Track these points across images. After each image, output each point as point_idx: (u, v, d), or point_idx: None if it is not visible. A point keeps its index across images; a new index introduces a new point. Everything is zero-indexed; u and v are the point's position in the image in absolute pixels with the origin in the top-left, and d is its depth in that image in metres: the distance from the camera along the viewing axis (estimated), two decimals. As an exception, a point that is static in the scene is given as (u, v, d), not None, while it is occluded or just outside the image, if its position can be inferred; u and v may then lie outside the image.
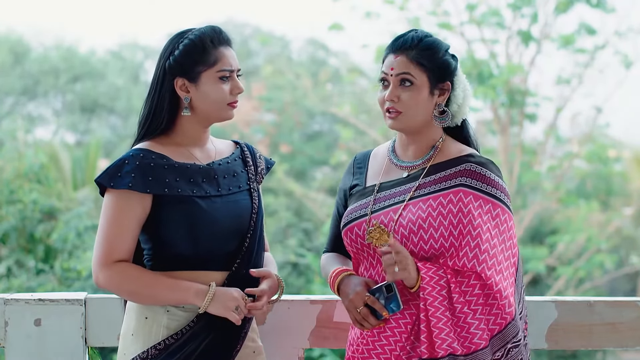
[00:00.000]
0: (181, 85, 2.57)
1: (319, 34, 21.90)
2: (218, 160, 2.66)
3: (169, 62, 2.57)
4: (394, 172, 2.70)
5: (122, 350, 2.61)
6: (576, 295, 12.87)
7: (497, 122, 12.78)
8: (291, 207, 14.90)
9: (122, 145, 16.94)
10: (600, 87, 21.23)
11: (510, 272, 2.56)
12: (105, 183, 2.51)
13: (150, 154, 2.54)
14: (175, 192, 2.53)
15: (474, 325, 2.49)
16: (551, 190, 13.29)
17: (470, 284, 2.51)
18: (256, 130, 16.64)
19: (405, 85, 2.60)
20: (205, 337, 2.55)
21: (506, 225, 2.58)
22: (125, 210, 2.51)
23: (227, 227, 2.58)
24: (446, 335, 2.48)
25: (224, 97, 2.58)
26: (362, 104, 15.35)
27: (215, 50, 2.57)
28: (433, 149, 2.66)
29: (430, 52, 2.61)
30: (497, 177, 2.60)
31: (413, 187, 2.61)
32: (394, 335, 2.57)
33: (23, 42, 22.08)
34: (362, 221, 2.65)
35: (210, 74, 2.56)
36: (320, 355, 9.69)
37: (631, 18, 21.24)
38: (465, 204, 2.54)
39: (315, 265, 11.72)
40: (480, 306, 2.51)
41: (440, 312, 2.49)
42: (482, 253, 2.51)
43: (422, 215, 2.55)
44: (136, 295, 2.54)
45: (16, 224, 9.00)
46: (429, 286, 2.50)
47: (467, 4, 12.38)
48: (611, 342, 3.03)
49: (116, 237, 2.50)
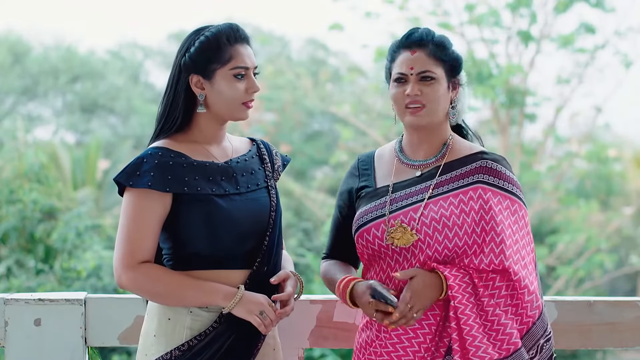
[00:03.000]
0: (196, 82, 2.56)
1: (319, 34, 21.92)
2: (236, 158, 2.64)
3: (184, 59, 2.56)
4: (405, 172, 2.68)
5: (143, 350, 2.59)
6: (576, 295, 12.87)
7: (496, 122, 12.78)
8: (291, 207, 14.90)
9: (122, 145, 16.93)
10: (600, 87, 21.23)
11: (532, 266, 2.57)
12: (124, 182, 2.48)
13: (169, 152, 2.52)
14: (195, 190, 2.51)
15: (508, 325, 2.47)
16: (551, 190, 13.29)
17: (496, 285, 2.50)
18: (256, 130, 16.63)
19: (427, 80, 2.59)
20: (229, 336, 2.54)
21: (524, 220, 2.60)
22: (145, 210, 2.48)
23: (247, 225, 2.57)
24: (480, 342, 2.45)
25: (239, 95, 2.56)
26: (362, 103, 15.35)
27: (230, 48, 2.56)
28: (445, 147, 2.66)
29: (444, 47, 2.62)
30: (511, 173, 2.62)
31: (431, 186, 2.60)
32: (416, 337, 2.55)
33: (23, 42, 22.09)
34: (379, 222, 2.61)
35: (225, 71, 2.55)
36: (320, 355, 9.68)
37: (631, 17, 21.25)
38: (485, 201, 2.54)
39: (315, 265, 11.72)
40: (510, 306, 2.49)
41: (472, 319, 2.47)
42: (507, 249, 2.51)
43: (446, 214, 2.54)
44: (162, 297, 2.51)
45: (16, 224, 8.99)
46: (459, 294, 2.47)
47: (466, 4, 12.38)
48: (611, 342, 3.03)
49: (138, 236, 2.47)
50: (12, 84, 20.80)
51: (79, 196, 12.34)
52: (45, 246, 9.12)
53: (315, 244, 13.88)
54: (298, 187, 15.07)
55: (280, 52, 19.98)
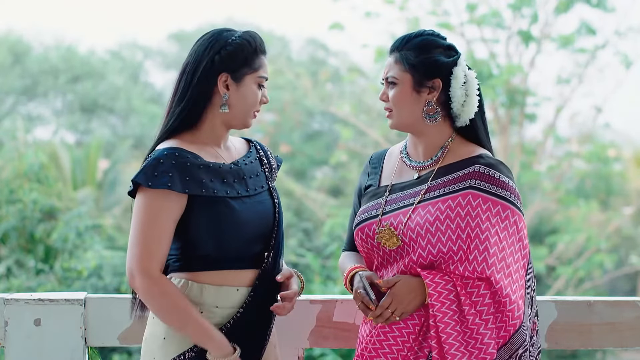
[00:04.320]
0: (224, 82, 2.56)
1: (319, 34, 21.93)
2: (242, 160, 2.66)
3: (219, 56, 2.55)
4: (406, 173, 2.69)
5: (151, 354, 2.57)
6: (576, 295, 12.87)
7: (497, 122, 12.77)
8: (291, 207, 14.90)
9: (122, 145, 16.93)
10: (600, 87, 21.22)
11: (520, 274, 2.55)
12: (142, 182, 2.46)
13: (185, 152, 2.51)
14: (212, 192, 2.51)
15: (486, 335, 2.47)
16: (551, 190, 13.29)
17: (480, 293, 2.49)
18: (256, 130, 16.63)
19: (392, 85, 2.62)
20: (239, 336, 2.55)
21: (516, 226, 2.56)
22: (163, 211, 2.47)
23: (255, 227, 2.58)
24: (456, 350, 2.46)
25: (256, 102, 2.60)
26: (362, 103, 15.35)
27: (261, 56, 2.60)
28: (441, 150, 2.64)
29: (417, 52, 2.60)
30: (507, 178, 2.57)
31: (422, 190, 2.61)
32: (401, 336, 2.56)
33: (23, 42, 22.09)
34: (373, 222, 2.64)
35: (253, 77, 2.58)
36: (320, 355, 9.67)
37: (631, 17, 21.25)
38: (473, 208, 2.52)
39: (314, 265, 11.72)
40: (492, 315, 2.49)
41: (451, 327, 2.47)
42: (491, 257, 2.49)
43: (430, 219, 2.54)
44: (165, 315, 2.50)
45: (16, 224, 8.99)
46: (438, 302, 2.48)
47: (467, 4, 12.38)
48: (611, 342, 3.03)
49: (154, 238, 2.46)
50: (12, 84, 20.80)
51: (79, 196, 12.34)
52: (45, 246, 9.13)
53: (316, 244, 13.87)
54: (298, 187, 15.07)
55: (280, 52, 19.97)
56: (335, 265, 11.50)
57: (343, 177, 15.85)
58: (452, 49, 2.64)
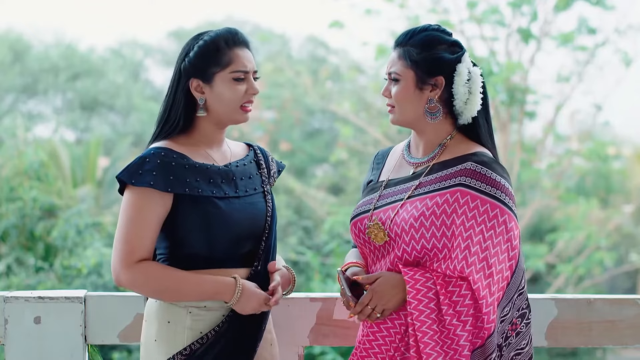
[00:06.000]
0: (196, 87, 2.58)
1: (319, 32, 21.93)
2: (235, 162, 2.67)
3: (184, 64, 2.58)
4: (404, 169, 2.69)
5: (146, 358, 2.59)
6: (576, 292, 12.88)
7: (496, 119, 12.76)
8: (291, 205, 14.90)
9: (122, 143, 16.92)
10: (600, 85, 21.21)
11: (504, 275, 2.49)
12: (126, 179, 2.49)
13: (171, 152, 2.54)
14: (196, 192, 2.53)
15: (462, 338, 2.43)
16: (551, 187, 13.29)
17: (461, 294, 2.45)
18: (256, 128, 16.63)
19: (395, 81, 2.60)
20: (230, 337, 2.56)
21: (505, 226, 2.50)
22: (146, 209, 2.49)
23: (244, 228, 2.59)
24: (431, 349, 2.44)
25: (238, 98, 2.59)
26: (362, 101, 15.34)
27: (229, 51, 2.58)
28: (439, 147, 2.62)
29: (420, 48, 2.57)
30: (500, 177, 2.53)
31: (414, 186, 2.59)
32: (389, 336, 2.56)
33: (23, 39, 22.08)
34: (365, 217, 2.64)
35: (224, 75, 2.57)
36: (321, 353, 9.69)
37: (631, 16, 21.25)
38: (460, 205, 2.49)
39: (314, 262, 11.72)
40: (471, 317, 2.45)
41: (427, 326, 2.45)
42: (471, 255, 2.46)
43: (415, 215, 2.52)
44: (162, 293, 2.52)
45: (16, 222, 9.00)
46: (415, 300, 2.46)
47: (467, 2, 12.37)
48: (611, 340, 3.03)
49: (137, 235, 2.48)
50: (12, 82, 20.79)
51: (78, 194, 12.34)
52: (45, 244, 9.14)
53: (316, 242, 13.87)
54: (298, 185, 15.06)
55: (280, 50, 19.98)
56: (335, 263, 11.51)
57: (343, 175, 15.85)
58: (456, 45, 2.61)
